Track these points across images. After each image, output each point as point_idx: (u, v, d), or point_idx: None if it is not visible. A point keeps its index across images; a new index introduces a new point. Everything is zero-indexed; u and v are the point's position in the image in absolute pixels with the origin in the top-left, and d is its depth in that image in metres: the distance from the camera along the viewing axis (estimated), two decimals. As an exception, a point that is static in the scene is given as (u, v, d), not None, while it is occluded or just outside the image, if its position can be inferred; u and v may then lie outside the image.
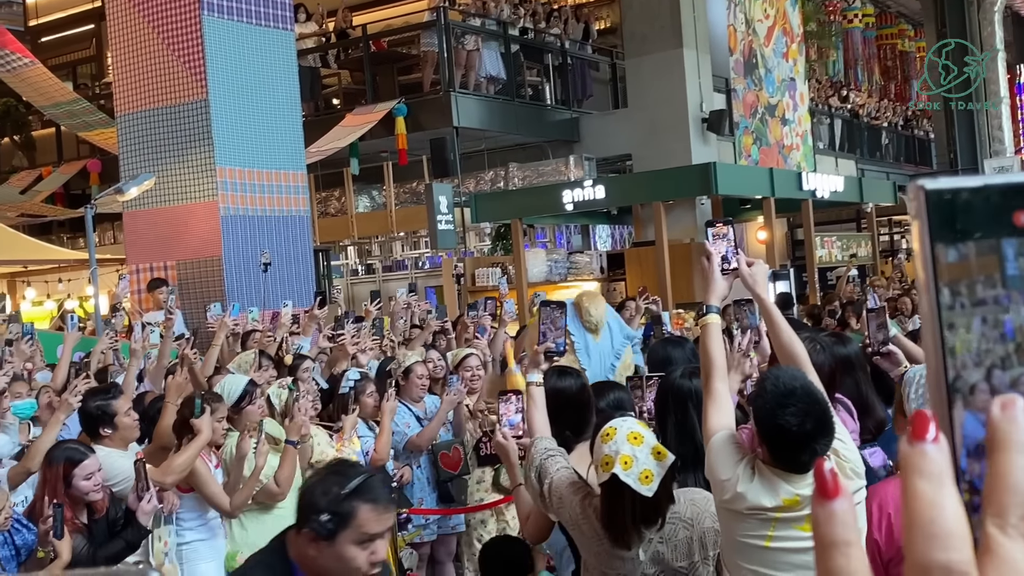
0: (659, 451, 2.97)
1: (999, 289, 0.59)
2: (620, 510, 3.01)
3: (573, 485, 3.19)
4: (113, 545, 4.29)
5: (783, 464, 2.72)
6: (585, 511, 3.12)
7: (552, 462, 3.26)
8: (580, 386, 3.86)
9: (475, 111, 16.22)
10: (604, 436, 3.01)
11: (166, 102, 10.70)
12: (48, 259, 14.96)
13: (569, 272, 15.76)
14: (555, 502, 3.22)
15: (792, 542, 2.73)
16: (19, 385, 5.69)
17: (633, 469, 2.92)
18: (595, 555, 3.15)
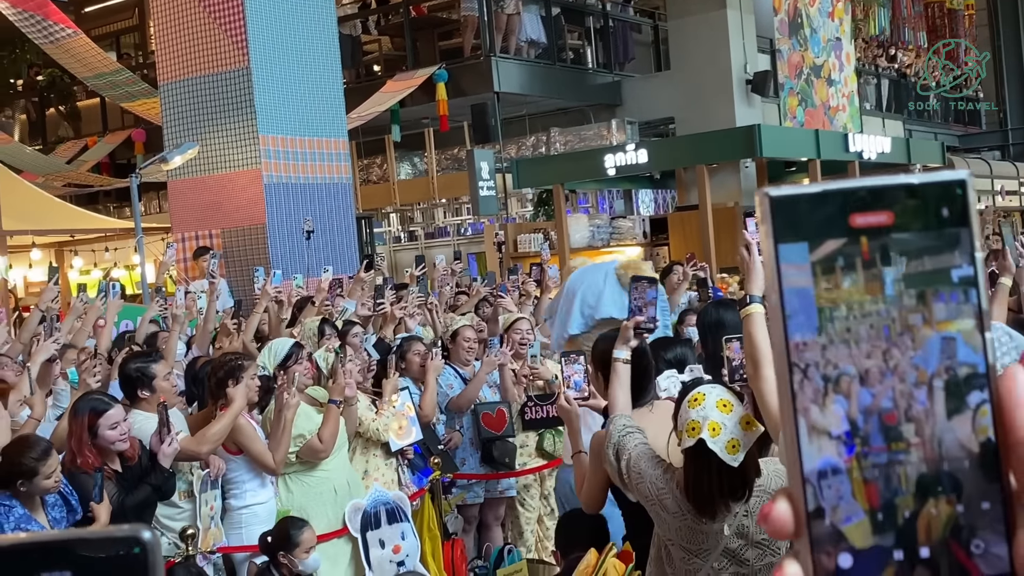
0: (748, 421, 2.90)
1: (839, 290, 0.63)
2: (705, 479, 2.96)
3: (653, 459, 3.15)
4: (140, 491, 4.37)
5: None
6: (668, 484, 3.08)
7: (631, 438, 3.22)
8: (640, 351, 3.80)
9: (516, 76, 16.11)
10: (692, 401, 2.95)
11: (208, 70, 10.73)
12: (95, 228, 15.11)
13: (612, 237, 15.66)
14: (634, 478, 3.17)
15: None
16: (72, 352, 5.75)
17: (720, 437, 2.86)
18: (676, 531, 3.10)
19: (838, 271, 0.63)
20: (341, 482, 5.28)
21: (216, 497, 4.92)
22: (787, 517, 0.62)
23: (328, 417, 5.14)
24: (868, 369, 0.63)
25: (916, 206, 0.63)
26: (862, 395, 0.63)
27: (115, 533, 0.58)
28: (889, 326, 0.63)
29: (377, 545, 5.20)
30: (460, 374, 6.41)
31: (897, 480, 0.62)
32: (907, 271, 0.63)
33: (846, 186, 0.63)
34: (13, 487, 3.83)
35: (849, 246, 0.63)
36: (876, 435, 0.63)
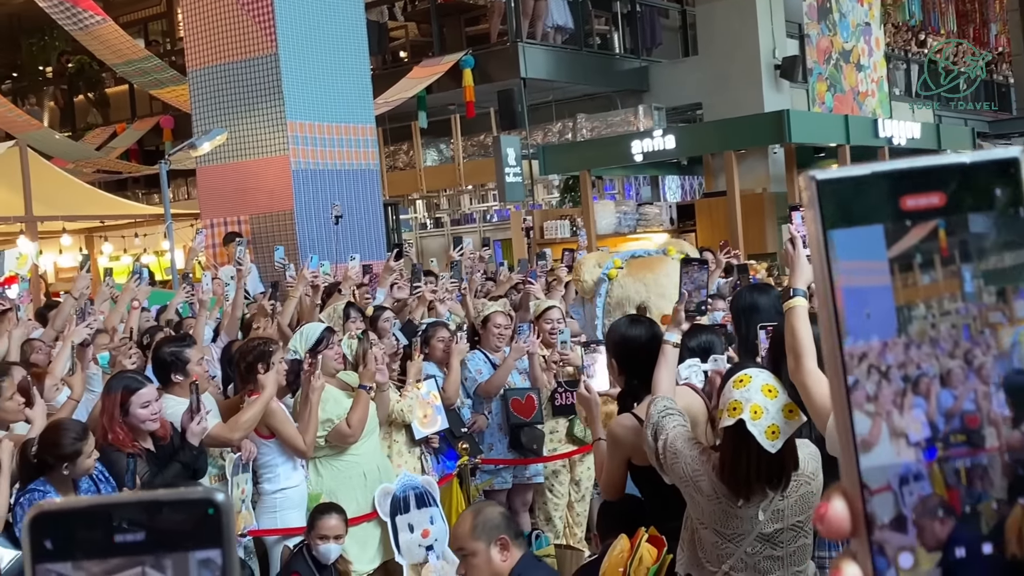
0: (791, 409, 2.89)
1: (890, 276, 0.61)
2: (743, 461, 2.95)
3: (690, 440, 3.15)
4: (170, 469, 4.41)
5: None
6: (704, 466, 3.08)
7: (669, 419, 3.22)
8: (651, 335, 3.79)
9: (543, 62, 16.07)
10: (737, 381, 2.95)
11: (236, 57, 10.76)
12: (124, 214, 15.21)
13: (638, 224, 15.62)
14: (669, 458, 3.17)
15: None
16: (104, 337, 5.80)
17: (761, 421, 2.85)
18: (710, 514, 3.10)
19: (890, 256, 0.61)
20: (371, 467, 5.30)
21: (247, 480, 4.95)
22: (844, 517, 0.61)
23: (357, 402, 5.16)
24: (921, 363, 0.61)
25: (969, 187, 0.61)
26: (895, 382, 0.61)
27: (189, 495, 0.59)
28: (944, 313, 0.61)
29: (406, 529, 5.22)
30: (490, 360, 6.41)
31: (976, 484, 0.60)
32: (960, 254, 0.61)
33: (896, 167, 0.61)
34: (53, 472, 3.88)
35: (899, 230, 0.61)
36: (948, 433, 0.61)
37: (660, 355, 3.46)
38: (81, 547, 0.58)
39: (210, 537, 0.58)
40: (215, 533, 0.58)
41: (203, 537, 0.58)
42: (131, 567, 0.57)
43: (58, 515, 0.58)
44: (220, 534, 0.58)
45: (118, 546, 0.58)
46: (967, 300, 0.61)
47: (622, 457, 3.65)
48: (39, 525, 0.58)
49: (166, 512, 0.58)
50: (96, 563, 0.57)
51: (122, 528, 0.58)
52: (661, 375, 3.43)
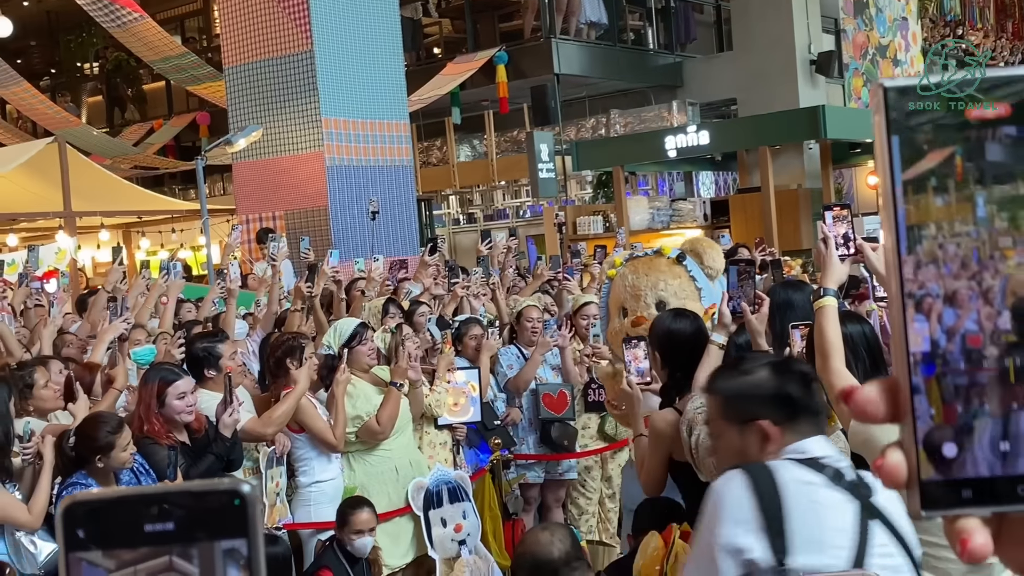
0: (828, 415, 2.90)
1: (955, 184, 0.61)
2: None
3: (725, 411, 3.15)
4: (204, 461, 4.45)
5: None
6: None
7: (704, 417, 3.23)
8: (695, 329, 3.77)
9: (576, 57, 16.05)
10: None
11: (272, 54, 10.83)
12: (161, 210, 15.38)
13: (672, 220, 15.55)
14: (701, 452, 3.17)
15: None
16: (138, 332, 5.85)
17: None
18: None
19: (955, 166, 0.61)
20: (403, 462, 5.32)
21: (281, 474, 4.99)
22: (875, 402, 0.62)
23: (388, 399, 5.18)
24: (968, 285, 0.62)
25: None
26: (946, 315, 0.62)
27: (216, 487, 0.61)
28: (997, 233, 0.61)
29: (439, 523, 5.24)
30: (524, 354, 6.42)
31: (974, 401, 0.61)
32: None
33: (965, 78, 0.61)
34: (91, 464, 3.92)
35: (966, 140, 0.61)
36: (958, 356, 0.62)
37: (705, 354, 3.45)
38: (112, 536, 0.59)
39: (236, 527, 0.60)
40: (241, 523, 0.60)
41: (229, 527, 0.60)
42: (159, 556, 0.59)
43: (90, 505, 0.60)
44: (246, 524, 0.60)
45: (148, 535, 0.59)
46: (979, 224, 0.61)
47: (664, 452, 3.62)
48: (72, 515, 0.60)
49: (194, 503, 0.60)
50: (126, 552, 0.59)
51: (152, 518, 0.59)
52: (703, 374, 3.41)
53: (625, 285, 5.84)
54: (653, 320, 4.32)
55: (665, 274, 6.44)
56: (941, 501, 0.61)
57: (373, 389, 5.29)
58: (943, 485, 0.61)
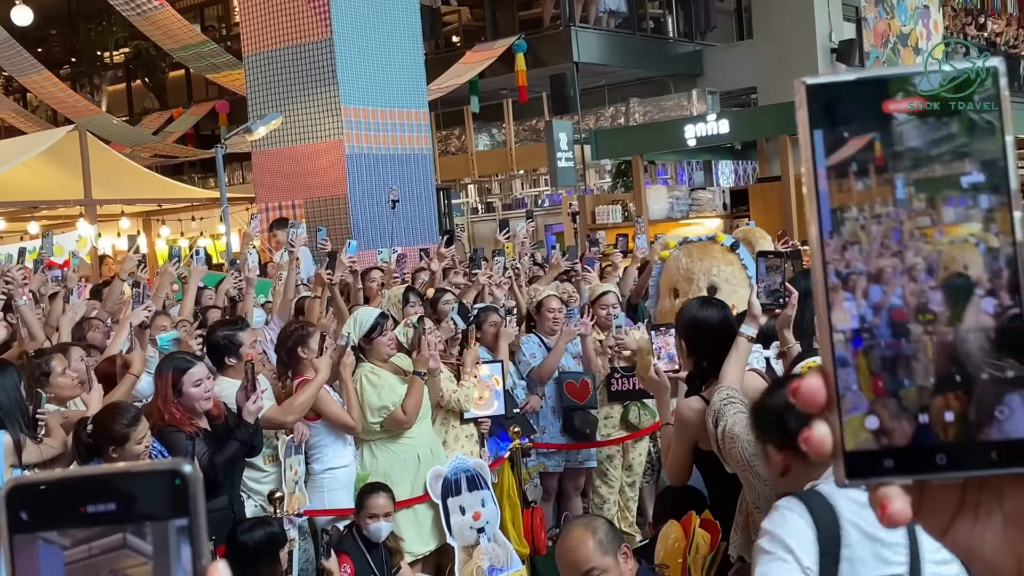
0: None
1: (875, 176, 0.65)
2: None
3: (749, 427, 3.14)
4: (228, 448, 4.46)
5: None
6: (760, 451, 3.07)
7: (731, 407, 3.21)
8: (722, 317, 3.74)
9: (595, 46, 16.00)
10: (805, 367, 2.97)
11: (292, 42, 10.84)
12: (181, 198, 15.43)
13: (691, 209, 15.50)
14: (727, 443, 3.16)
15: None
16: (162, 319, 5.87)
17: None
18: (766, 499, 3.08)
19: (873, 157, 0.65)
20: (424, 450, 5.34)
21: (300, 462, 5.00)
22: (819, 390, 0.65)
23: (412, 388, 5.20)
24: (892, 265, 0.65)
25: (949, 92, 0.65)
26: (872, 291, 0.65)
27: (157, 467, 0.62)
28: (916, 214, 0.65)
29: (457, 511, 5.25)
30: (545, 343, 6.41)
31: (900, 372, 0.64)
32: (939, 158, 0.65)
33: (880, 74, 0.65)
34: (105, 454, 3.94)
35: (884, 133, 0.65)
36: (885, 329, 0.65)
37: (733, 346, 3.42)
38: (55, 518, 0.60)
39: (179, 506, 0.61)
40: (183, 503, 0.61)
41: (172, 506, 0.61)
42: (111, 534, 0.60)
43: (32, 488, 0.61)
44: (188, 503, 0.61)
45: (90, 516, 0.60)
46: (899, 205, 0.65)
47: (689, 440, 3.60)
48: (14, 498, 0.61)
49: (134, 483, 0.61)
50: (77, 531, 0.60)
51: (94, 499, 0.60)
52: (730, 365, 3.39)
53: (679, 267, 5.82)
54: (681, 308, 4.30)
55: (719, 260, 6.44)
56: (864, 470, 0.65)
57: (396, 379, 5.30)
58: (866, 455, 0.64)
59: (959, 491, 0.66)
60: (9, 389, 4.00)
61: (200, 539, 0.61)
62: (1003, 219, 0.64)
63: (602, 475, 6.45)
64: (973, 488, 0.66)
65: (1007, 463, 0.63)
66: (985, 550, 0.66)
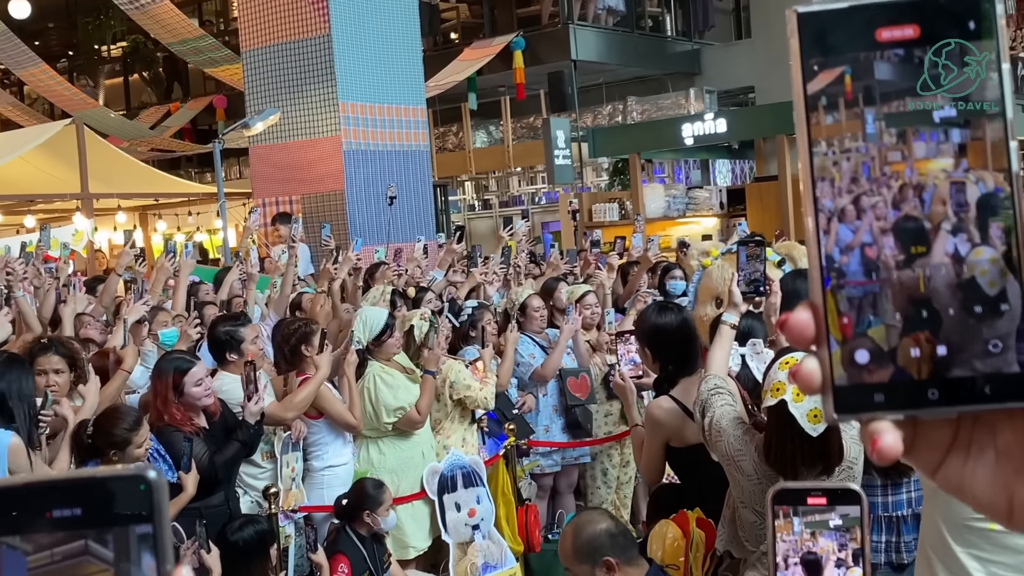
0: None
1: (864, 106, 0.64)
2: (786, 442, 2.95)
3: (735, 420, 3.15)
4: (229, 448, 4.47)
5: None
6: (746, 446, 3.08)
7: (718, 398, 3.23)
8: (681, 321, 3.83)
9: (594, 44, 16.00)
10: (783, 363, 2.96)
11: (290, 37, 10.83)
12: (178, 192, 15.41)
13: (688, 208, 15.52)
14: (714, 435, 3.19)
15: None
16: (163, 314, 5.87)
17: (803, 404, 2.86)
18: (750, 494, 3.10)
19: (864, 88, 0.64)
20: (428, 447, 5.38)
21: (298, 459, 5.01)
22: (807, 324, 0.65)
23: (425, 388, 5.24)
24: (879, 202, 0.64)
25: (943, 19, 0.63)
26: (842, 232, 0.64)
27: (122, 473, 0.61)
28: (901, 151, 0.64)
29: (453, 508, 5.26)
30: (537, 342, 6.43)
31: (867, 311, 0.64)
32: (931, 88, 0.64)
33: (872, 1, 0.64)
34: (105, 457, 3.95)
35: (875, 62, 0.64)
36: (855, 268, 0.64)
37: (717, 335, 3.45)
38: (19, 523, 0.60)
39: (143, 512, 0.61)
40: (147, 508, 0.61)
41: (137, 512, 0.61)
42: (74, 540, 0.60)
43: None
44: (152, 509, 0.61)
45: (55, 521, 0.60)
46: (868, 140, 0.65)
47: (661, 440, 3.67)
48: None
49: (100, 489, 0.61)
50: (41, 536, 0.60)
51: (59, 504, 0.60)
52: (716, 354, 3.41)
53: (724, 277, 5.86)
54: (638, 316, 4.38)
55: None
56: (854, 405, 0.64)
57: (405, 378, 5.32)
58: (856, 389, 0.64)
59: (952, 427, 0.66)
60: (15, 381, 4.00)
61: (164, 545, 0.61)
62: (999, 151, 0.63)
63: (603, 473, 6.47)
64: (966, 424, 0.66)
65: (1000, 398, 0.63)
66: (976, 487, 0.66)
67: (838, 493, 1.40)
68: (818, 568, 1.38)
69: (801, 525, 1.35)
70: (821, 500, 1.37)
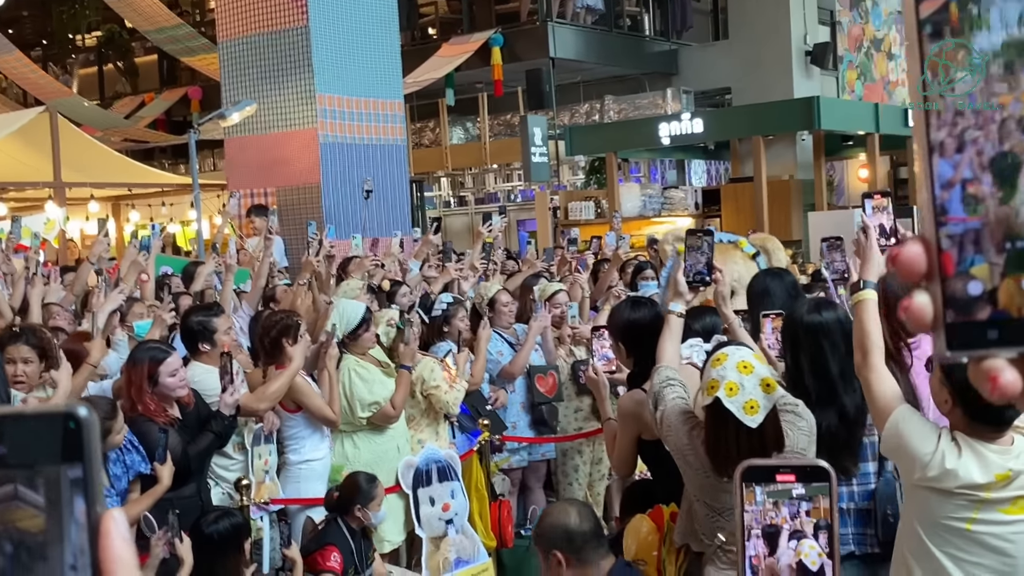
0: (768, 383, 2.91)
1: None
2: (724, 438, 2.97)
3: (683, 415, 3.16)
4: (203, 439, 4.45)
5: (987, 423, 2.57)
6: (692, 441, 3.09)
7: (669, 390, 3.23)
8: (654, 315, 3.82)
9: (572, 42, 16.01)
10: (715, 361, 2.98)
11: (267, 28, 10.76)
12: (152, 183, 15.29)
13: (663, 207, 15.57)
14: (664, 430, 3.20)
15: (994, 526, 2.58)
16: (138, 306, 5.81)
17: (738, 397, 2.88)
18: (700, 488, 3.12)
19: (972, 14, 0.62)
20: (403, 440, 5.36)
21: (271, 452, 4.97)
22: (919, 258, 0.63)
23: (400, 383, 5.21)
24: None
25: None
26: (942, 167, 0.62)
27: (50, 409, 0.58)
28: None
29: (427, 502, 5.24)
30: (504, 338, 6.43)
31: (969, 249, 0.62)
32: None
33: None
34: None
35: None
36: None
37: (664, 325, 3.45)
38: None
39: (72, 452, 0.58)
40: (77, 448, 0.58)
41: (65, 452, 0.58)
42: (3, 484, 0.57)
43: None
44: (82, 449, 0.58)
45: None
46: (976, 72, 0.62)
47: (633, 433, 3.67)
48: None
49: (25, 426, 0.58)
50: None
51: None
52: (665, 345, 3.41)
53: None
54: (611, 311, 4.38)
55: (739, 266, 6.52)
56: (967, 342, 0.62)
57: (380, 372, 5.30)
58: (969, 326, 0.62)
59: None
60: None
61: (95, 487, 0.58)
62: None
63: (574, 470, 6.46)
64: None
65: None
66: None
67: (807, 470, 1.41)
68: (776, 539, 1.38)
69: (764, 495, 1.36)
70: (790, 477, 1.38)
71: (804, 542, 1.38)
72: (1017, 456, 2.56)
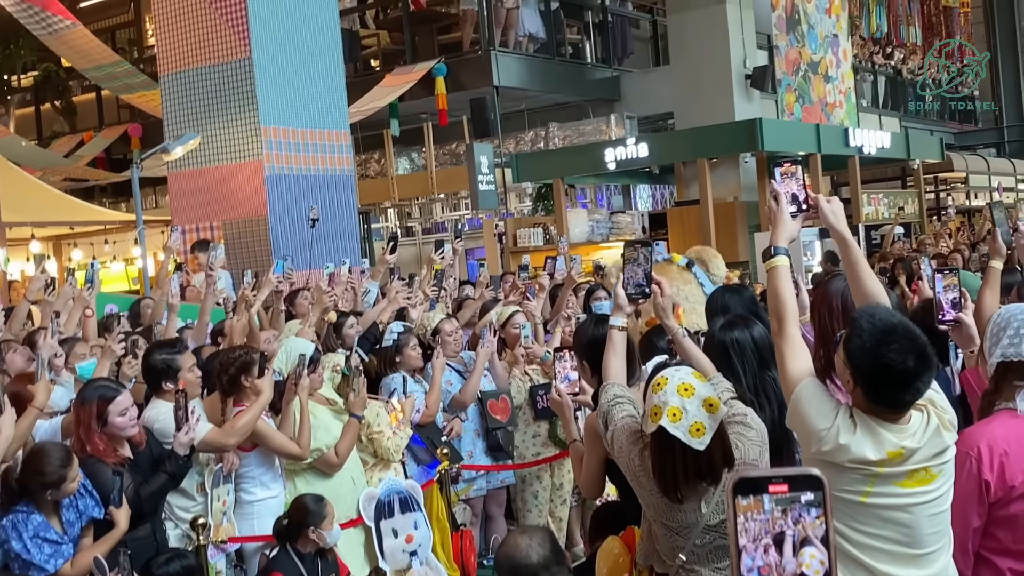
0: (711, 403, 2.87)
1: None
2: (670, 463, 2.93)
3: (633, 435, 3.11)
4: (156, 479, 4.35)
5: (885, 405, 2.55)
6: (644, 462, 3.04)
7: (618, 409, 3.19)
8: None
9: (515, 70, 16.08)
10: (655, 386, 2.94)
11: (210, 61, 10.66)
12: (94, 220, 15.04)
13: (611, 232, 15.62)
14: (616, 451, 3.16)
15: (890, 498, 2.57)
16: (80, 346, 5.67)
17: (682, 422, 2.84)
18: (654, 507, 3.07)
19: None
20: (357, 472, 5.26)
21: (229, 492, 4.86)
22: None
23: (347, 432, 5.11)
24: None
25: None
26: None
27: None
28: None
29: (390, 534, 5.15)
30: (452, 367, 6.37)
31: None
32: None
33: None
34: (39, 496, 3.79)
35: None
36: None
37: (608, 341, 3.41)
38: None
39: None
40: None
41: None
42: None
43: None
44: None
45: None
46: None
47: (600, 453, 3.63)
48: None
49: None
50: None
51: None
52: (610, 360, 3.37)
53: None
54: (575, 330, 4.36)
55: (676, 280, 6.52)
56: None
57: (328, 414, 5.19)
58: None
59: None
60: None
61: None
62: None
63: (533, 496, 6.40)
64: None
65: None
66: None
67: (799, 479, 1.39)
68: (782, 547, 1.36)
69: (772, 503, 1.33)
70: (783, 487, 1.36)
71: (804, 551, 1.36)
72: (913, 434, 2.56)
